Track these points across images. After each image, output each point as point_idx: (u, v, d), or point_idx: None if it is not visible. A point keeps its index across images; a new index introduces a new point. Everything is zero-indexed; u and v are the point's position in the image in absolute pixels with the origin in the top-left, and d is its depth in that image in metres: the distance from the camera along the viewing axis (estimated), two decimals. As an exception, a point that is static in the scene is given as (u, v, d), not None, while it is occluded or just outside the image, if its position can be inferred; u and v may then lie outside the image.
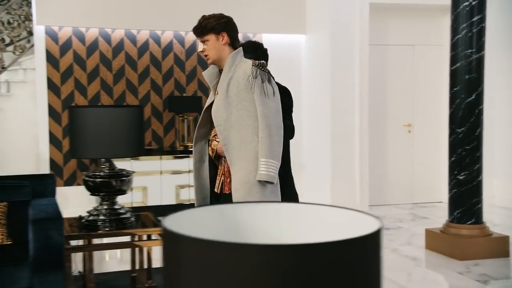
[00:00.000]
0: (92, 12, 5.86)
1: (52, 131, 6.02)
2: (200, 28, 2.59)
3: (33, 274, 2.80)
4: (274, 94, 2.52)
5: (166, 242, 0.93)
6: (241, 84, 2.50)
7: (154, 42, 6.32)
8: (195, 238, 0.84)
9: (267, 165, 2.45)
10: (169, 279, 0.93)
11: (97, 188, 3.22)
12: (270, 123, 2.48)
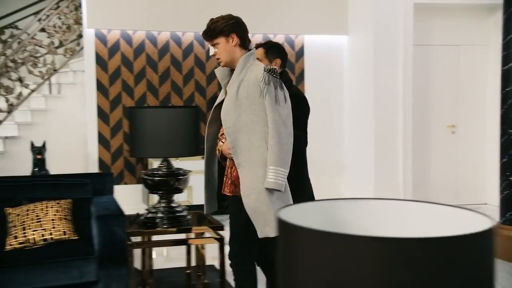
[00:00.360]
0: (139, 15, 6.01)
1: (101, 131, 6.19)
2: (209, 32, 2.59)
3: (99, 268, 2.92)
4: (286, 101, 2.50)
5: (284, 234, 0.99)
6: (251, 88, 2.48)
7: (198, 43, 6.44)
8: (317, 230, 0.90)
9: (276, 173, 2.44)
10: (285, 269, 1.00)
11: (156, 186, 3.33)
12: (280, 130, 2.46)
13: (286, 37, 6.67)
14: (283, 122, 2.47)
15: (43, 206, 3.21)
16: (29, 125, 6.17)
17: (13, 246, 3.03)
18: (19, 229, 3.08)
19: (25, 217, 3.14)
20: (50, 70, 6.29)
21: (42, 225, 3.11)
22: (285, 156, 2.46)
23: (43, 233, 3.08)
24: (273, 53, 2.90)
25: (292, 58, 6.72)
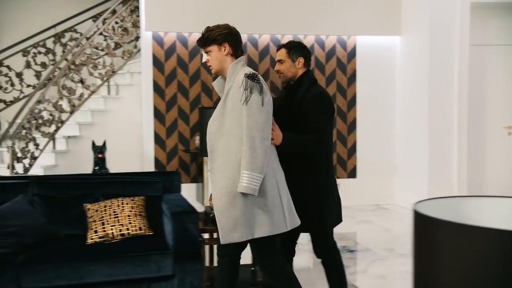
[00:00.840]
0: (195, 17, 6.15)
1: (157, 131, 6.36)
2: (203, 40, 2.63)
3: (174, 263, 3.04)
4: (263, 106, 2.48)
5: (421, 228, 1.05)
6: (234, 94, 2.52)
7: (252, 45, 6.53)
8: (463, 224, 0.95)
9: (249, 178, 2.43)
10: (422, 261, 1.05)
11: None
12: (254, 135, 2.45)
13: (338, 38, 6.69)
14: (258, 127, 2.46)
15: (119, 202, 3.36)
16: (89, 125, 6.40)
17: (94, 240, 3.18)
18: (99, 224, 3.23)
19: (103, 213, 3.29)
20: (109, 72, 6.50)
21: (120, 220, 3.25)
22: (258, 161, 2.44)
23: (120, 228, 3.22)
24: (295, 52, 2.88)
25: (344, 59, 6.74)
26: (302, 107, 2.79)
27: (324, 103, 2.81)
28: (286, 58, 2.87)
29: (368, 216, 6.08)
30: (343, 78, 6.77)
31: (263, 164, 2.46)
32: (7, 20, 6.26)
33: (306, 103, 2.78)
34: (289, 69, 2.87)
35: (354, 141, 6.81)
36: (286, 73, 2.88)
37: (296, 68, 2.88)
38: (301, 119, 2.78)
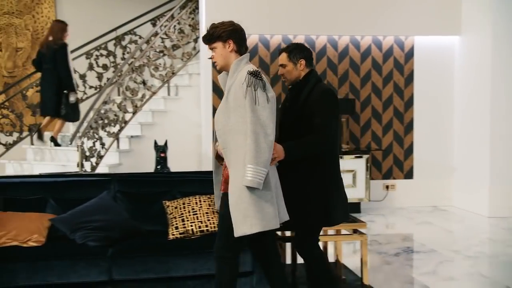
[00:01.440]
0: (254, 19, 6.25)
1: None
2: (208, 36, 2.67)
3: (253, 259, 3.12)
4: (268, 102, 2.54)
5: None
6: (237, 91, 2.55)
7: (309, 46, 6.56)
8: None
9: (253, 171, 2.49)
10: None
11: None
12: (257, 130, 2.50)
13: (395, 38, 6.66)
14: (261, 122, 2.51)
15: (196, 200, 3.48)
16: (150, 125, 6.59)
17: (175, 236, 3.30)
18: (179, 221, 3.36)
19: (182, 210, 3.41)
20: (169, 73, 6.68)
21: (199, 217, 3.36)
22: (262, 155, 2.50)
23: (199, 225, 3.33)
24: (296, 55, 2.89)
25: (401, 59, 6.71)
26: (307, 106, 2.81)
27: (328, 100, 2.82)
28: (288, 62, 2.90)
29: (426, 217, 6.04)
30: (400, 79, 6.73)
31: (267, 159, 2.52)
32: (72, 25, 6.52)
33: (311, 101, 2.80)
34: (291, 72, 2.90)
35: (411, 141, 6.77)
36: (289, 76, 2.92)
37: (299, 70, 2.90)
38: (306, 117, 2.80)
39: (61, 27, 6.22)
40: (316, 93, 2.82)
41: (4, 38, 7.65)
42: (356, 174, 6.23)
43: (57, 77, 6.07)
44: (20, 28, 7.71)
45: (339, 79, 6.67)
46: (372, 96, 6.70)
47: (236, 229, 2.56)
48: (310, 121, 2.78)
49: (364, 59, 6.69)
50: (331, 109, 2.82)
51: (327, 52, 6.62)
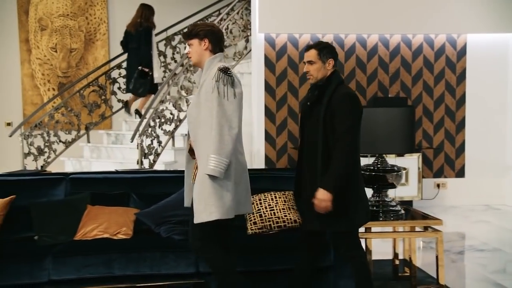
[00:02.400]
0: (305, 19, 6.31)
1: (267, 130, 6.58)
2: (188, 33, 2.82)
3: (333, 255, 3.20)
4: (235, 97, 2.70)
5: None
6: (208, 86, 2.70)
7: (361, 45, 6.61)
8: None
9: (215, 161, 2.62)
10: None
11: (371, 180, 3.55)
12: (223, 123, 2.63)
13: (447, 36, 6.64)
14: (227, 116, 2.66)
15: (272, 196, 3.56)
16: (204, 123, 6.70)
17: (253, 231, 3.40)
18: (256, 216, 3.45)
19: (259, 206, 3.50)
20: (221, 72, 6.79)
21: (276, 213, 3.45)
22: (226, 146, 2.64)
23: (277, 221, 3.42)
24: (326, 53, 2.85)
25: (453, 57, 6.68)
26: (329, 108, 2.77)
27: (351, 103, 2.79)
28: (317, 60, 2.84)
29: (481, 216, 6.01)
30: (452, 77, 6.71)
31: (230, 150, 2.66)
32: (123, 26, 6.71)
33: (333, 104, 2.76)
34: (319, 70, 2.84)
35: (462, 140, 6.73)
36: (316, 74, 2.85)
37: (326, 70, 2.85)
38: (328, 120, 2.77)
39: (149, 11, 6.71)
40: (338, 95, 2.78)
41: (59, 40, 7.90)
42: (408, 172, 6.24)
43: (141, 57, 6.51)
44: (74, 29, 7.94)
45: (390, 78, 6.68)
46: (424, 95, 6.69)
47: (197, 217, 2.69)
48: (333, 123, 2.76)
49: (416, 58, 6.68)
50: (353, 111, 2.79)
51: (378, 51, 6.63)
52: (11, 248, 3.09)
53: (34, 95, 7.88)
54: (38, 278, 2.95)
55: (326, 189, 2.69)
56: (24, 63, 7.85)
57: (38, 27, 7.84)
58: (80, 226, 3.21)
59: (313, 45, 2.91)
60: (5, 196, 3.28)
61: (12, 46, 7.85)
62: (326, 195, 2.69)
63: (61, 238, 3.17)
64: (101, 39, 8.05)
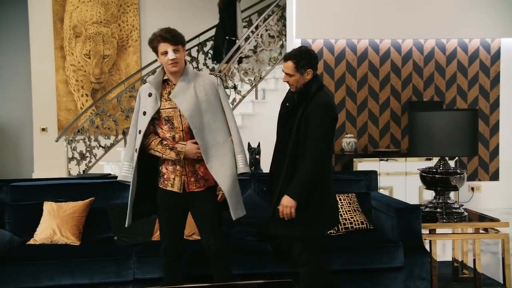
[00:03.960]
0: (341, 25, 6.40)
1: (304, 134, 6.66)
2: (179, 38, 2.77)
3: (404, 255, 3.27)
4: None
5: None
6: (209, 92, 2.79)
7: (395, 50, 6.69)
8: None
9: (245, 159, 2.88)
10: None
11: (434, 183, 3.62)
12: (235, 123, 2.88)
13: (481, 41, 6.72)
14: (235, 118, 2.91)
15: (337, 198, 3.64)
16: (241, 128, 6.78)
17: (321, 232, 3.47)
18: (323, 218, 3.52)
19: (325, 208, 3.58)
20: (257, 78, 6.89)
21: (342, 215, 3.52)
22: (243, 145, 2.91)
23: (344, 223, 3.50)
24: (304, 65, 2.75)
25: (487, 61, 6.76)
26: (304, 116, 2.74)
27: (325, 112, 2.75)
28: (295, 72, 2.77)
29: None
30: (486, 81, 6.78)
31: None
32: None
33: (308, 112, 2.73)
34: (298, 80, 2.78)
35: (496, 143, 6.80)
36: (296, 84, 2.80)
37: (305, 79, 2.78)
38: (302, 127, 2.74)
39: None
40: (313, 105, 2.74)
41: (92, 46, 8.01)
42: (445, 175, 6.30)
43: (227, 28, 7.06)
44: (107, 36, 8.05)
45: (424, 82, 6.76)
46: (458, 99, 6.76)
47: (234, 213, 2.80)
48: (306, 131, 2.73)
49: (450, 62, 6.76)
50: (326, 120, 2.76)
51: (413, 55, 6.71)
52: (96, 247, 3.18)
53: (68, 101, 7.99)
54: (124, 277, 3.04)
55: (290, 196, 2.71)
56: (58, 70, 7.97)
57: (73, 34, 7.96)
58: (156, 228, 3.29)
59: (290, 56, 2.79)
60: (83, 199, 3.37)
61: (48, 53, 7.97)
62: (291, 201, 2.71)
63: (139, 238, 3.26)
64: (133, 45, 8.16)
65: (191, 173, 2.82)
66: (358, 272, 3.26)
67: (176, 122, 2.78)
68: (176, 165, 2.81)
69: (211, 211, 2.86)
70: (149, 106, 2.79)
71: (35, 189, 3.46)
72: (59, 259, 3.00)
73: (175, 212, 2.87)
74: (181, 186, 2.82)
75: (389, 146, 6.72)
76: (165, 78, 2.84)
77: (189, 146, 2.76)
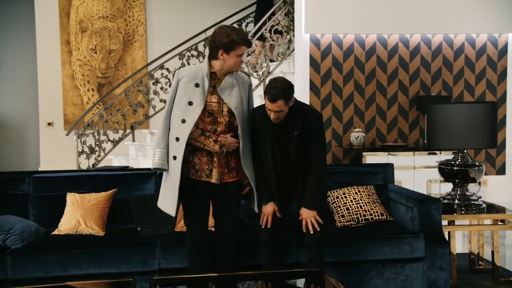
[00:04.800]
0: (350, 20, 6.42)
1: (312, 128, 6.68)
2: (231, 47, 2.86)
3: (425, 246, 3.30)
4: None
5: None
6: (246, 91, 2.98)
7: (403, 45, 6.72)
8: None
9: None
10: None
11: (453, 175, 3.65)
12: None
13: (489, 36, 6.75)
14: None
15: (355, 190, 3.66)
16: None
17: (342, 224, 3.50)
18: (343, 209, 3.55)
19: (344, 199, 3.60)
20: (265, 72, 6.90)
21: (362, 206, 3.55)
22: None
23: (364, 214, 3.52)
24: (290, 96, 2.90)
25: (494, 56, 6.79)
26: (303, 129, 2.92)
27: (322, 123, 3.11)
28: (285, 107, 2.87)
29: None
30: (493, 76, 6.82)
31: None
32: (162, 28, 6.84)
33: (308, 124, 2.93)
34: (285, 113, 2.90)
35: (503, 138, 6.84)
36: (283, 116, 2.90)
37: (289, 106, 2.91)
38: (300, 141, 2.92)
39: None
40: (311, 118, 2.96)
41: (98, 41, 7.99)
42: (453, 169, 6.33)
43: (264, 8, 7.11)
44: (113, 31, 8.04)
45: (432, 77, 6.79)
46: (465, 93, 6.80)
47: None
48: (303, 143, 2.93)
49: (457, 57, 6.79)
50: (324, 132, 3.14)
51: (421, 50, 6.74)
52: (120, 238, 3.20)
53: (74, 95, 7.97)
54: (150, 267, 3.06)
55: (309, 208, 2.95)
56: (65, 64, 7.95)
57: (79, 29, 7.95)
58: (179, 219, 3.30)
59: (279, 96, 2.84)
60: (104, 191, 3.38)
61: (54, 47, 7.95)
62: (311, 213, 2.95)
63: (163, 229, 3.27)
64: (139, 41, 8.15)
65: (225, 164, 2.89)
66: (381, 262, 3.28)
67: (219, 117, 2.83)
68: (214, 157, 2.85)
69: (237, 202, 2.98)
70: (196, 98, 2.79)
71: (57, 180, 3.47)
72: (86, 248, 3.02)
73: (206, 202, 2.93)
74: (218, 177, 2.87)
75: (396, 141, 6.75)
76: (212, 71, 2.85)
77: (230, 140, 2.84)
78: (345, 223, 3.51)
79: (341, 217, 3.53)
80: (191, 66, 2.97)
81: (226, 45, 2.78)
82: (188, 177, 2.86)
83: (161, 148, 2.83)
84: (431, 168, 6.26)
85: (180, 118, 2.78)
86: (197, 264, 2.90)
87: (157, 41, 8.29)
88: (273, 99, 2.83)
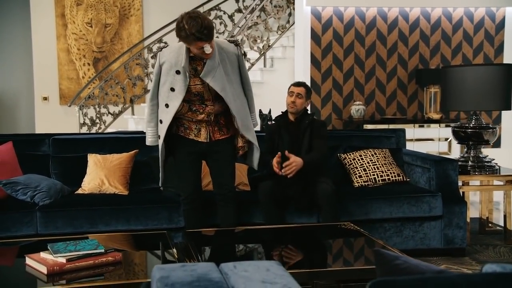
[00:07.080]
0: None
1: (312, 102, 6.71)
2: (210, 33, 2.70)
3: (443, 205, 3.36)
4: None
5: None
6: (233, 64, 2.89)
7: (403, 18, 6.76)
8: None
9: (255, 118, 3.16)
10: None
11: (467, 137, 3.71)
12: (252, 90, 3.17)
13: (487, 9, 6.83)
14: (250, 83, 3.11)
15: (371, 152, 3.71)
16: (250, 95, 6.81)
17: (359, 184, 3.55)
18: (361, 171, 3.60)
19: (361, 161, 3.65)
20: (266, 46, 6.89)
21: (378, 168, 3.60)
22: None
23: (381, 174, 3.57)
24: (310, 94, 3.49)
25: (492, 30, 6.88)
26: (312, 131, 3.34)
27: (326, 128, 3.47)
28: (304, 95, 3.42)
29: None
30: (490, 50, 6.91)
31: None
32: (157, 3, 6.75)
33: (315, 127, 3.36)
34: (302, 104, 3.39)
35: (498, 111, 6.96)
36: (300, 107, 3.37)
37: (304, 106, 3.40)
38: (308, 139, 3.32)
39: None
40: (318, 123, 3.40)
41: (94, 15, 7.87)
42: (451, 142, 6.44)
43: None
44: (108, 5, 7.91)
45: (431, 51, 6.86)
46: (463, 67, 6.89)
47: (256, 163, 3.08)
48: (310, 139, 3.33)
49: (456, 31, 6.86)
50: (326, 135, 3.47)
51: (420, 24, 6.79)
52: (145, 197, 3.20)
53: (70, 70, 7.86)
54: (176, 223, 3.07)
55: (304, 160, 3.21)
56: (60, 38, 7.82)
57: (74, 2, 7.80)
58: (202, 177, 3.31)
59: (304, 84, 3.53)
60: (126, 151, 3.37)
61: (49, 21, 7.80)
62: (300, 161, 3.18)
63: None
64: (135, 15, 8.05)
65: (214, 123, 2.91)
66: (400, 220, 3.34)
67: (206, 94, 2.85)
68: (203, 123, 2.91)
69: (231, 158, 3.00)
70: (178, 85, 2.77)
71: (77, 142, 3.44)
72: (114, 205, 3.01)
73: (197, 160, 2.95)
74: (207, 136, 2.90)
75: (395, 114, 6.82)
76: (191, 55, 2.79)
77: (217, 108, 2.88)
78: (362, 183, 3.56)
79: (358, 178, 3.58)
80: (173, 47, 2.84)
81: (183, 40, 2.71)
82: (177, 134, 2.91)
83: (152, 127, 2.93)
84: (430, 141, 6.37)
85: (164, 102, 2.82)
86: (193, 219, 2.95)
87: (153, 15, 8.20)
88: (297, 84, 3.47)
